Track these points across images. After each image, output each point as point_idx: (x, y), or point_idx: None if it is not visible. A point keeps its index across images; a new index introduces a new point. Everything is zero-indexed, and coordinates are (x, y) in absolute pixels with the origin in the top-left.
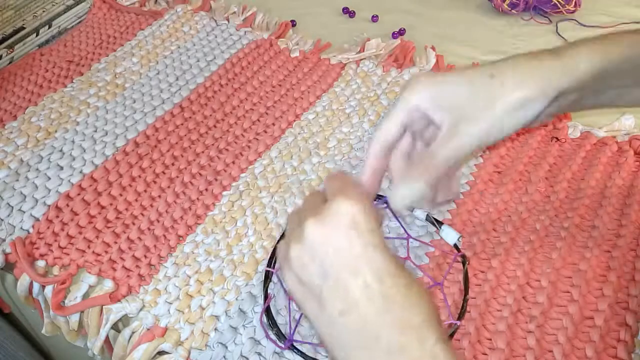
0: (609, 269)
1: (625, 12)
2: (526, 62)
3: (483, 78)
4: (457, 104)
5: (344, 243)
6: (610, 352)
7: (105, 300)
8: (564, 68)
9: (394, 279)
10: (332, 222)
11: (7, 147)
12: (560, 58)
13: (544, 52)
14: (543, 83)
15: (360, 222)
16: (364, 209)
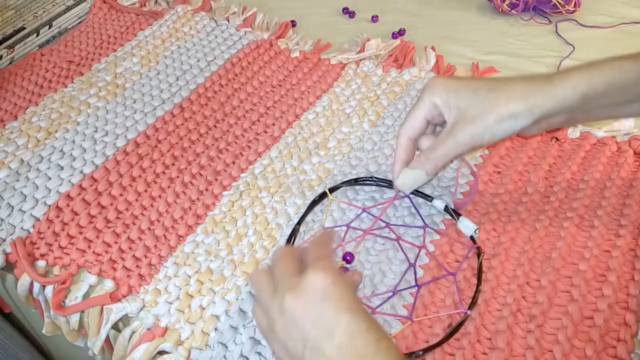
0: (609, 268)
1: (624, 12)
2: (522, 84)
3: (484, 90)
4: (461, 107)
5: (320, 312)
6: (609, 352)
7: (105, 300)
8: (551, 93)
9: (365, 335)
10: (308, 296)
11: (7, 147)
12: (551, 83)
13: (540, 77)
14: (531, 103)
15: (332, 292)
16: (334, 280)
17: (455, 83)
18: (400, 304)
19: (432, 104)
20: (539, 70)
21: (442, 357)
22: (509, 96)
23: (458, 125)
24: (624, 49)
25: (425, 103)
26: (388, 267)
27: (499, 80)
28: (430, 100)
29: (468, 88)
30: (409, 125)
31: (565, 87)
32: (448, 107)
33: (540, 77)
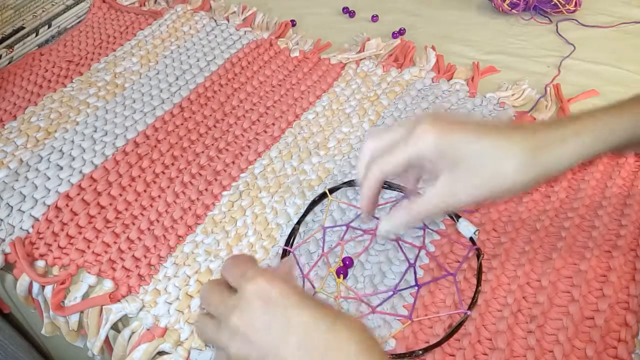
0: (609, 269)
1: (625, 12)
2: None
3: (489, 149)
4: (458, 164)
5: (268, 319)
6: (610, 352)
7: (105, 300)
8: (556, 167)
9: (318, 323)
10: (252, 308)
11: (6, 147)
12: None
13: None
14: (536, 174)
15: (268, 292)
16: (265, 280)
17: (454, 133)
18: (400, 304)
19: (417, 155)
20: (540, 70)
21: (442, 357)
22: (514, 167)
23: (455, 183)
24: (625, 48)
25: (414, 149)
26: (388, 268)
27: (502, 136)
28: (416, 150)
29: (469, 144)
30: (388, 168)
31: (576, 153)
32: (442, 160)
33: (549, 137)
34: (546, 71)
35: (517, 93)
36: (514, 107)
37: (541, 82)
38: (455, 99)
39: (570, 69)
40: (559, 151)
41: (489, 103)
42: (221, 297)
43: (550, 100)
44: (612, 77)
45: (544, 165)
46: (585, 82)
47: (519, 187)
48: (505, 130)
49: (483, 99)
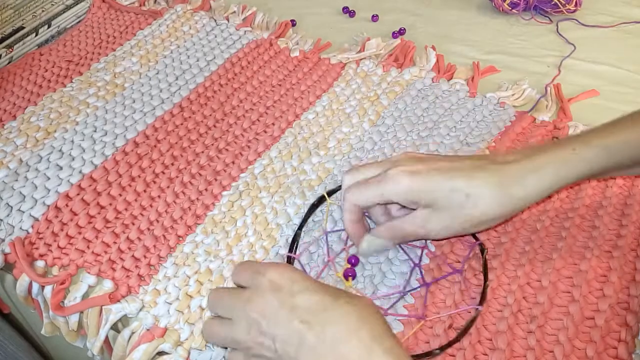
0: (610, 269)
1: (625, 11)
2: (495, 189)
3: (460, 195)
4: (432, 206)
5: (275, 305)
6: (611, 353)
7: (104, 300)
8: (525, 199)
9: (321, 302)
10: (262, 297)
11: (6, 147)
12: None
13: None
14: (507, 210)
15: (279, 281)
16: (276, 271)
17: (426, 181)
18: (400, 304)
19: (389, 199)
20: (540, 70)
21: (442, 357)
22: (484, 206)
23: (431, 221)
24: (625, 48)
25: (382, 194)
26: (388, 268)
27: (473, 179)
28: (389, 194)
29: (443, 188)
30: (360, 200)
31: (539, 189)
32: (414, 203)
33: (515, 175)
34: (546, 71)
35: (518, 93)
36: (514, 107)
37: (541, 82)
38: (456, 98)
39: (571, 69)
40: (523, 186)
41: (489, 103)
42: (233, 295)
43: (551, 100)
44: (612, 77)
45: (510, 201)
46: (586, 82)
47: (490, 221)
48: (472, 171)
49: (483, 99)
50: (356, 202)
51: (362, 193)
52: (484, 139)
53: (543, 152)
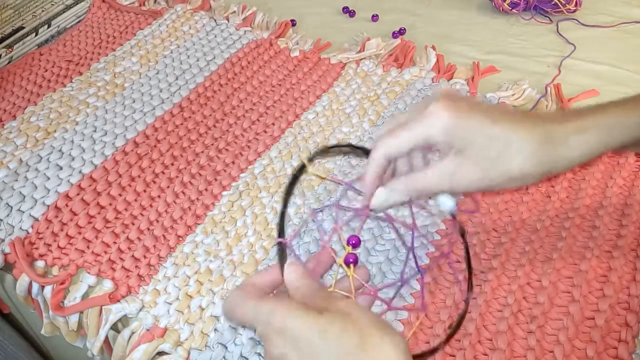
0: (610, 269)
1: (625, 11)
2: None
3: (501, 141)
4: (466, 151)
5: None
6: (611, 353)
7: (104, 300)
8: (567, 159)
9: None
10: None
11: (6, 146)
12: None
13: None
14: (545, 169)
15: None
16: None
17: (467, 120)
18: (400, 303)
19: (428, 136)
20: (540, 70)
21: (442, 357)
22: (524, 159)
23: (460, 167)
24: (625, 48)
25: (421, 131)
26: (388, 268)
27: (516, 128)
28: (429, 131)
29: (482, 131)
30: (393, 146)
31: (582, 151)
32: (450, 143)
33: (559, 134)
34: (546, 71)
35: (518, 93)
36: (515, 106)
37: (541, 82)
38: None
39: (571, 69)
40: (567, 147)
41: (490, 103)
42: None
43: (551, 100)
44: (612, 77)
45: (552, 160)
46: (586, 82)
47: (524, 178)
48: (517, 120)
49: (483, 99)
50: (389, 151)
51: (397, 137)
52: None
53: (587, 115)
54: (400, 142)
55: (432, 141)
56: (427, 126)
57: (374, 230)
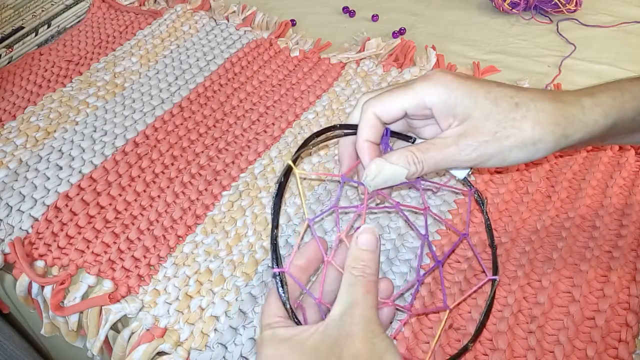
0: (610, 269)
1: (626, 11)
2: (552, 104)
3: (507, 103)
4: (474, 116)
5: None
6: (611, 353)
7: (104, 300)
8: (583, 122)
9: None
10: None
11: (6, 146)
12: (583, 109)
13: (569, 97)
14: (561, 132)
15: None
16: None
17: (469, 85)
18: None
19: (424, 102)
20: (540, 70)
21: (442, 357)
22: (538, 119)
23: (466, 136)
24: (625, 48)
25: (417, 96)
26: (389, 268)
27: (523, 92)
28: (427, 97)
29: (487, 94)
30: (384, 106)
31: (597, 115)
32: (452, 112)
33: (570, 97)
34: (547, 71)
35: None
36: None
37: (542, 82)
38: None
39: (571, 69)
40: (581, 107)
41: None
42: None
43: None
44: (612, 77)
45: (567, 121)
46: (586, 82)
47: (539, 143)
48: (521, 87)
49: None
50: (379, 112)
51: (387, 100)
52: None
53: (598, 86)
54: (392, 103)
55: (430, 104)
56: (425, 89)
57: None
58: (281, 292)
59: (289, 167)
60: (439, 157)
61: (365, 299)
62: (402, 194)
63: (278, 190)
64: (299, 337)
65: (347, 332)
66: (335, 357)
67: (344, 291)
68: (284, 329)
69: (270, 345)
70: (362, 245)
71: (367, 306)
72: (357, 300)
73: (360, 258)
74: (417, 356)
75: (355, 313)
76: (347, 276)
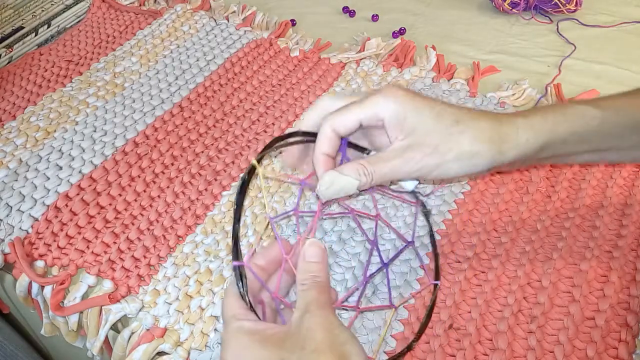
0: (610, 269)
1: (625, 11)
2: (489, 123)
3: (449, 119)
4: (418, 130)
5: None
6: (611, 353)
7: (104, 300)
8: (516, 141)
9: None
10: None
11: (6, 146)
12: (517, 129)
13: (505, 118)
14: (496, 149)
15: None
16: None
17: (417, 101)
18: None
19: (377, 114)
20: (540, 70)
21: (442, 357)
22: (475, 135)
23: (411, 149)
24: (625, 48)
25: (371, 108)
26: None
27: (464, 111)
28: (379, 109)
29: (431, 111)
30: (341, 120)
31: (529, 135)
32: (400, 125)
33: (506, 118)
34: (547, 71)
35: (518, 93)
36: (515, 106)
37: (542, 82)
38: (456, 98)
39: (571, 69)
40: (514, 126)
41: (490, 103)
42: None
43: (551, 99)
44: (612, 77)
45: (501, 138)
46: (586, 82)
47: (475, 157)
48: (464, 107)
49: (483, 99)
50: (336, 126)
51: (344, 115)
52: None
53: (533, 109)
54: (348, 117)
55: (382, 116)
56: (378, 102)
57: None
58: (239, 285)
59: (253, 167)
60: (386, 169)
61: (320, 297)
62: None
63: (241, 187)
64: (264, 332)
65: (308, 326)
66: (299, 348)
67: (300, 297)
68: (249, 322)
69: (237, 337)
70: (310, 258)
71: (322, 303)
72: (313, 299)
73: (309, 270)
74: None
75: (313, 309)
76: (299, 287)
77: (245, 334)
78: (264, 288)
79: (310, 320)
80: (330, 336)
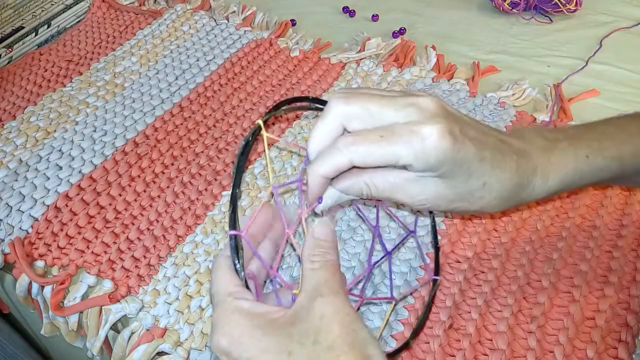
0: (610, 269)
1: (625, 11)
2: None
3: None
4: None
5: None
6: (611, 353)
7: (104, 300)
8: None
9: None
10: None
11: (6, 146)
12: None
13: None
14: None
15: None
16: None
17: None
18: (399, 304)
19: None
20: (540, 70)
21: (442, 357)
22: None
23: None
24: (625, 48)
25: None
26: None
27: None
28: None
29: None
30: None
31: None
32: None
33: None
34: (547, 71)
35: (518, 93)
36: (515, 106)
37: (542, 82)
38: (456, 98)
39: (571, 69)
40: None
41: (490, 103)
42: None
43: (551, 99)
44: (612, 77)
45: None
46: (586, 82)
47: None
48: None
49: (484, 99)
50: (355, 160)
51: (369, 148)
52: None
53: (557, 151)
54: (372, 156)
55: (407, 163)
56: (418, 150)
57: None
58: (235, 258)
59: (258, 127)
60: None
61: (332, 279)
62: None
63: (244, 148)
64: (267, 316)
65: (321, 314)
66: (310, 341)
67: (308, 277)
68: (248, 302)
69: (236, 320)
70: (319, 236)
71: (335, 287)
72: (324, 281)
73: (319, 246)
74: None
75: (326, 293)
76: (307, 265)
77: (244, 317)
78: (250, 260)
79: (322, 307)
80: (350, 332)
